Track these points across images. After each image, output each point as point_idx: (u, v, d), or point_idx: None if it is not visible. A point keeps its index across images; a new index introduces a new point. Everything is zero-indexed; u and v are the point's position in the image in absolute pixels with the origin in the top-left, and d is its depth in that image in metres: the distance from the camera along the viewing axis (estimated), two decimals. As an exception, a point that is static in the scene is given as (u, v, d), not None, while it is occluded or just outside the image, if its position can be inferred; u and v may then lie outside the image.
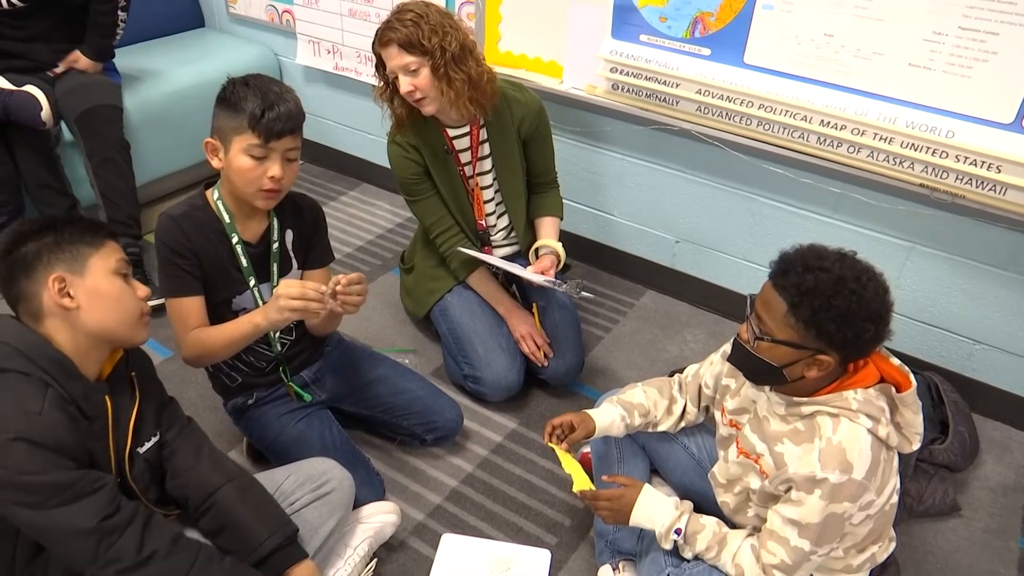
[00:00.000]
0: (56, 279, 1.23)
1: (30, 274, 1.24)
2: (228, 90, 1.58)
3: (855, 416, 1.31)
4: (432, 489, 1.96)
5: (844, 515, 1.31)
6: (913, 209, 2.08)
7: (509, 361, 2.13)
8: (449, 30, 1.92)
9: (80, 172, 2.63)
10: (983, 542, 1.89)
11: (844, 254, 1.31)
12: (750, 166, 2.27)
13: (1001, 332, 2.13)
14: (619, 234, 2.71)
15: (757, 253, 2.45)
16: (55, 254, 1.25)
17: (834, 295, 1.25)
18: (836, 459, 1.29)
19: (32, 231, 1.26)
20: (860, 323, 1.26)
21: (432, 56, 1.90)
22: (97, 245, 1.29)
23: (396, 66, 1.93)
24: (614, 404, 1.68)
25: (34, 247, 1.24)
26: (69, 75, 2.60)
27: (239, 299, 1.74)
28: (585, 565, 1.78)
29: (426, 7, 1.93)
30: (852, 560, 1.45)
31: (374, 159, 3.25)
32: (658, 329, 2.55)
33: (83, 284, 1.26)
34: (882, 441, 1.33)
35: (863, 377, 1.35)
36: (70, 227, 1.28)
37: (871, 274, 1.29)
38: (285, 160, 1.60)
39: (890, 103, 1.93)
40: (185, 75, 3.01)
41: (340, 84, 3.16)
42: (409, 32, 1.88)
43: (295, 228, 1.79)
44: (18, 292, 1.26)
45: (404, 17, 1.90)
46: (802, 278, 1.27)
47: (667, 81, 2.21)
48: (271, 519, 1.45)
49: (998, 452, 2.14)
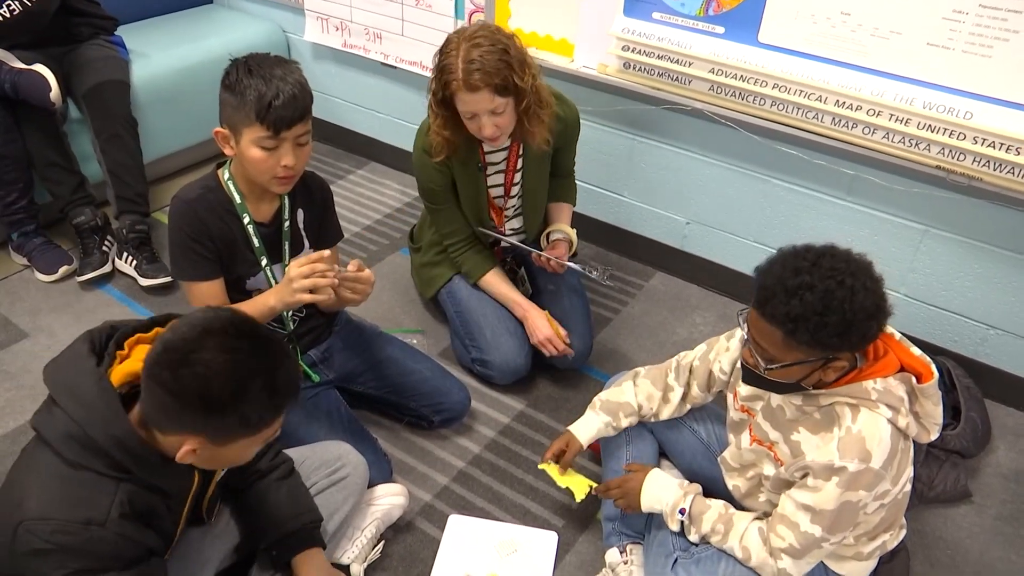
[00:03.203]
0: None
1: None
2: (232, 77, 1.54)
3: (875, 406, 1.29)
4: (439, 470, 1.96)
5: (859, 504, 1.30)
6: (928, 192, 2.05)
7: (517, 345, 2.12)
8: (528, 59, 1.81)
9: (87, 149, 2.62)
10: (994, 529, 1.88)
11: (820, 256, 1.23)
12: (763, 147, 2.24)
13: (1016, 317, 2.10)
14: (629, 215, 2.69)
15: (769, 235, 2.42)
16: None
17: (826, 312, 1.19)
18: (856, 448, 1.27)
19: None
20: (861, 326, 1.23)
21: (524, 95, 1.80)
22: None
23: (482, 109, 1.79)
24: (596, 412, 1.71)
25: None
26: (77, 52, 2.59)
27: (252, 280, 1.74)
28: (592, 548, 1.78)
29: (498, 35, 1.78)
30: (863, 548, 1.44)
31: (383, 137, 3.23)
32: (667, 311, 2.53)
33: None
34: (901, 431, 1.31)
35: (883, 366, 1.32)
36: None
37: (854, 267, 1.23)
38: (296, 145, 1.58)
39: (907, 83, 1.90)
40: (193, 52, 2.98)
41: (349, 61, 3.13)
42: (504, 75, 1.75)
43: (306, 207, 1.79)
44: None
45: (487, 55, 1.74)
46: (788, 305, 1.21)
47: (680, 60, 2.18)
48: (301, 504, 1.47)
49: (1011, 438, 2.12)
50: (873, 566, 1.49)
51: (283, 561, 1.45)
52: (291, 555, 1.45)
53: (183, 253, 1.66)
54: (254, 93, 1.51)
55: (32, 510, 1.08)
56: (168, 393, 1.06)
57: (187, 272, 1.68)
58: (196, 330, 1.08)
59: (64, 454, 1.10)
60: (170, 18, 3.27)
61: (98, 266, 2.52)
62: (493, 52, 1.75)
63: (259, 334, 1.11)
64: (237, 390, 1.07)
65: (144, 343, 1.22)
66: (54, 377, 1.16)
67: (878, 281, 1.25)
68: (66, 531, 1.07)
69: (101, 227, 2.59)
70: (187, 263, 1.66)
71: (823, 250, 1.25)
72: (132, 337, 1.21)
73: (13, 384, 2.16)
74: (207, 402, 1.06)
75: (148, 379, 1.08)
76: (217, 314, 1.11)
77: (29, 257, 2.57)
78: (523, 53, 1.81)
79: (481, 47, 1.75)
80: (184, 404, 1.06)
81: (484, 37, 1.77)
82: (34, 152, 2.48)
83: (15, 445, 1.97)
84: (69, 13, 2.57)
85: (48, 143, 2.50)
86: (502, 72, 1.75)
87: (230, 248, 1.69)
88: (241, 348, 1.08)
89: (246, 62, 1.55)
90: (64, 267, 2.54)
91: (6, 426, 2.03)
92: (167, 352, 1.07)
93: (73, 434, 1.09)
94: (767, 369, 1.30)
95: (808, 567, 1.38)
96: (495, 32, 1.80)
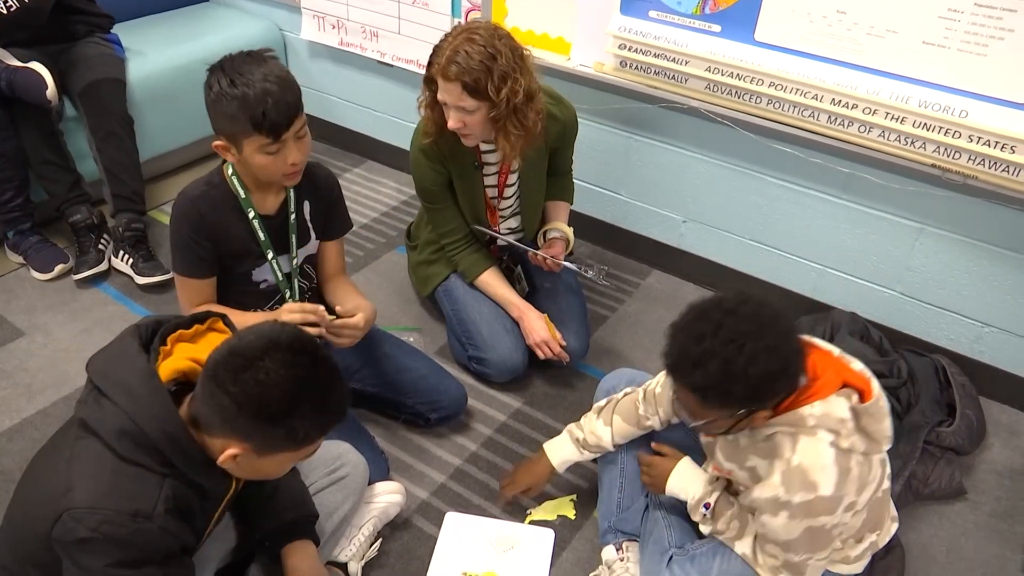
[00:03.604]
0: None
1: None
2: (215, 91, 1.53)
3: (813, 432, 1.26)
4: (436, 468, 1.96)
5: (825, 526, 1.29)
6: (924, 190, 2.06)
7: (514, 343, 2.12)
8: (518, 76, 1.80)
9: (83, 147, 2.61)
10: (989, 526, 1.88)
11: (725, 315, 1.20)
12: (759, 145, 2.24)
13: (1010, 315, 2.11)
14: (626, 213, 2.69)
15: (765, 233, 2.43)
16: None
17: (729, 381, 1.18)
18: (799, 480, 1.26)
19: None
20: (767, 388, 1.22)
21: (495, 106, 1.79)
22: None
23: (451, 102, 1.81)
24: (574, 442, 1.71)
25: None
26: (72, 49, 2.58)
27: (258, 271, 1.78)
28: (588, 545, 1.79)
29: (499, 42, 1.78)
30: (850, 551, 1.44)
31: (379, 136, 3.23)
32: (664, 310, 2.53)
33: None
34: (848, 450, 1.27)
35: (821, 388, 1.29)
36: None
37: (759, 326, 1.19)
38: (297, 139, 1.59)
39: (903, 82, 1.90)
40: (190, 50, 2.98)
41: (345, 60, 3.13)
42: (477, 77, 1.76)
43: (312, 198, 1.80)
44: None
45: (473, 54, 1.75)
46: (692, 376, 1.21)
47: (676, 58, 2.18)
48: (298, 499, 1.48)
49: (1005, 436, 2.13)
50: (866, 563, 1.50)
51: (274, 551, 1.45)
52: (282, 544, 1.45)
53: (182, 249, 1.70)
54: (244, 105, 1.49)
55: (80, 500, 1.09)
56: (227, 396, 1.09)
57: (180, 265, 1.72)
58: (263, 340, 1.11)
59: (117, 448, 1.12)
60: (166, 16, 3.27)
61: (94, 264, 2.51)
62: (480, 53, 1.75)
63: (319, 354, 1.15)
64: (292, 404, 1.10)
65: (185, 340, 1.24)
66: (103, 370, 1.17)
67: (786, 335, 1.22)
68: (114, 522, 1.09)
69: (97, 225, 2.58)
70: (184, 259, 1.71)
71: (730, 307, 1.22)
72: (174, 334, 1.23)
73: (9, 383, 2.15)
74: (262, 411, 1.09)
75: (210, 381, 1.11)
76: (284, 328, 1.14)
77: (25, 255, 2.57)
78: (512, 67, 1.78)
79: (474, 44, 1.76)
80: (240, 409, 1.09)
81: (481, 36, 1.77)
82: (30, 150, 2.48)
83: (11, 443, 1.97)
84: (65, 11, 2.56)
85: (44, 141, 2.49)
86: (477, 75, 1.75)
87: (235, 242, 1.71)
88: (302, 364, 1.11)
89: (224, 72, 1.52)
90: (60, 265, 2.53)
91: (2, 424, 2.03)
92: (233, 357, 1.10)
93: (127, 430, 1.11)
94: (693, 424, 1.32)
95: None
96: (494, 36, 1.79)
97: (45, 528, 1.11)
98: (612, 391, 1.79)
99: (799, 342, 1.26)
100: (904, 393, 2.07)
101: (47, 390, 2.14)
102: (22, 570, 1.21)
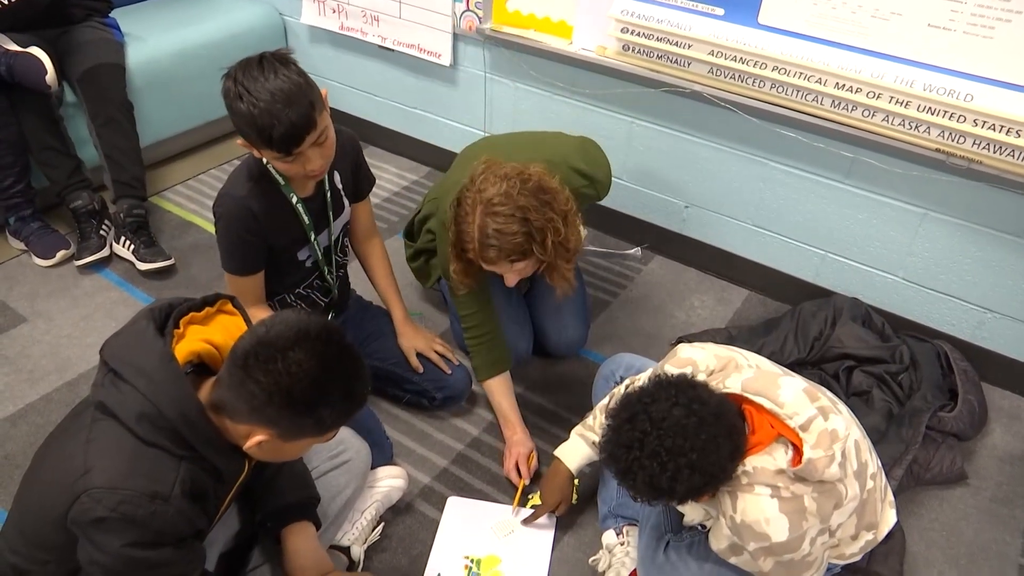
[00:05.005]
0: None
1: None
2: (228, 101, 1.50)
3: (750, 489, 1.26)
4: (438, 453, 1.97)
5: (799, 557, 1.28)
6: (927, 175, 2.05)
7: (518, 331, 2.11)
8: (552, 215, 1.61)
9: (83, 133, 2.61)
10: (990, 511, 1.89)
11: (651, 425, 1.20)
12: (762, 130, 2.23)
13: (1013, 300, 2.10)
14: (627, 198, 2.68)
15: (767, 218, 2.42)
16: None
17: (657, 493, 1.21)
18: (748, 534, 1.26)
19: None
20: (698, 493, 1.24)
21: (545, 253, 1.64)
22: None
23: (501, 271, 1.69)
24: (584, 439, 1.68)
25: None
26: (70, 34, 2.57)
27: (303, 251, 1.82)
28: (589, 529, 1.79)
29: (517, 193, 1.59)
30: (846, 549, 1.42)
31: (380, 121, 3.21)
32: (665, 295, 2.53)
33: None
34: (795, 496, 1.25)
35: (756, 443, 1.27)
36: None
37: (685, 433, 1.19)
38: (315, 147, 1.55)
39: (907, 65, 1.89)
40: (190, 35, 2.96)
41: (345, 44, 3.11)
42: (522, 248, 1.61)
43: (340, 167, 1.81)
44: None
45: (505, 230, 1.58)
46: (625, 483, 1.23)
47: (679, 42, 2.16)
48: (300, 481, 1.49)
49: (1006, 421, 2.13)
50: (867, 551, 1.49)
51: (275, 531, 1.46)
52: (282, 526, 1.45)
53: (236, 248, 1.70)
54: (252, 124, 1.47)
55: (100, 480, 1.10)
56: (257, 385, 1.10)
57: (237, 266, 1.73)
58: (292, 330, 1.12)
59: (136, 430, 1.13)
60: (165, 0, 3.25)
61: (96, 250, 2.51)
62: (511, 223, 1.58)
63: (346, 344, 1.17)
64: (321, 393, 1.13)
65: (197, 323, 1.25)
66: (120, 354, 1.18)
67: (713, 441, 1.20)
68: (132, 502, 1.10)
69: (98, 211, 2.58)
70: (239, 257, 1.72)
71: (657, 416, 1.21)
72: (186, 316, 1.24)
73: (12, 368, 2.16)
74: (291, 401, 1.11)
75: (239, 370, 1.12)
76: (311, 319, 1.16)
77: (26, 242, 2.57)
78: (542, 212, 1.60)
79: (498, 216, 1.58)
80: (270, 399, 1.11)
81: (501, 203, 1.58)
82: (30, 136, 2.47)
83: (15, 428, 1.98)
84: None
85: (44, 126, 2.49)
86: (521, 247, 1.61)
87: (283, 229, 1.73)
88: (330, 355, 1.13)
89: (235, 82, 1.48)
90: (62, 251, 2.53)
91: (5, 410, 2.03)
92: (262, 347, 1.12)
93: (146, 412, 1.12)
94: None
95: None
96: (515, 191, 1.59)
97: (61, 510, 1.12)
98: (611, 376, 1.79)
99: (733, 434, 1.24)
100: (906, 378, 2.08)
101: (49, 376, 2.14)
102: (33, 553, 1.22)
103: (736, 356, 1.43)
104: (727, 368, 1.39)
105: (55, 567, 1.21)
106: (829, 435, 1.26)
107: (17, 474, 1.86)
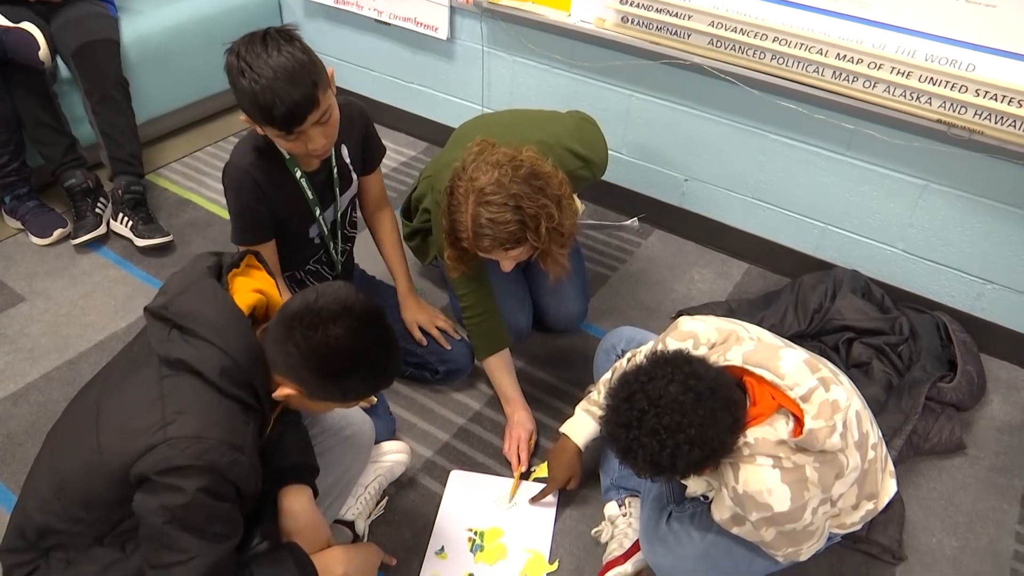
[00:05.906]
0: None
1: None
2: (230, 77, 1.48)
3: (752, 460, 1.26)
4: (440, 427, 1.98)
5: (800, 527, 1.29)
6: (928, 146, 2.04)
7: (517, 306, 2.11)
8: (545, 201, 1.59)
9: (78, 110, 2.58)
10: (987, 480, 1.91)
11: (649, 404, 1.21)
12: (763, 102, 2.22)
13: (1013, 272, 2.11)
14: (626, 172, 2.67)
15: (767, 191, 2.41)
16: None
17: (658, 469, 1.22)
18: (750, 505, 1.27)
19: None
20: (700, 467, 1.25)
21: (539, 240, 1.62)
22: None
23: (497, 258, 1.68)
24: (589, 412, 1.69)
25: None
26: (64, 8, 2.54)
27: (311, 227, 1.82)
28: (592, 501, 1.81)
29: (508, 181, 1.56)
30: (847, 519, 1.43)
31: (376, 96, 3.19)
32: (665, 268, 2.53)
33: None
34: (796, 466, 1.26)
35: (757, 414, 1.28)
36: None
37: (683, 410, 1.20)
38: (316, 126, 1.53)
39: (909, 35, 1.87)
40: (184, 9, 2.92)
41: (341, 19, 3.07)
42: (516, 236, 1.60)
43: (348, 140, 1.79)
44: None
45: (498, 218, 1.56)
46: (624, 458, 1.25)
47: (679, 13, 2.14)
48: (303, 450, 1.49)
49: (1004, 392, 2.14)
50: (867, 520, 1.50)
51: (272, 494, 1.46)
52: (279, 487, 1.45)
53: (246, 217, 1.70)
54: (253, 101, 1.45)
55: (184, 431, 1.13)
56: (296, 347, 1.18)
57: (248, 236, 1.72)
58: (338, 304, 1.20)
59: (220, 384, 1.17)
60: (158, -26, 3.20)
61: (92, 228, 2.50)
62: (504, 211, 1.56)
63: (384, 326, 1.25)
64: (351, 368, 1.21)
65: (239, 276, 1.31)
66: (190, 311, 1.21)
67: (712, 414, 1.21)
68: (217, 451, 1.13)
69: (93, 189, 2.56)
70: (249, 227, 1.72)
71: (654, 394, 1.21)
72: (231, 271, 1.29)
73: (11, 347, 2.16)
74: (323, 368, 1.19)
75: (284, 328, 1.20)
76: (357, 297, 1.23)
77: (23, 221, 2.56)
78: (535, 199, 1.58)
79: (491, 206, 1.57)
80: (305, 362, 1.18)
81: (494, 192, 1.56)
82: (24, 113, 2.45)
83: (16, 407, 1.98)
84: None
85: (38, 103, 2.46)
86: (515, 235, 1.59)
87: (288, 204, 1.72)
88: (367, 335, 1.21)
89: (238, 57, 1.45)
90: (58, 230, 2.52)
91: (6, 389, 2.03)
92: (308, 313, 1.19)
93: (227, 368, 1.18)
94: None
95: (817, 547, 1.38)
96: (507, 179, 1.57)
97: (125, 460, 1.13)
98: (612, 350, 1.80)
99: (732, 406, 1.24)
100: (906, 350, 2.08)
101: (49, 354, 2.14)
102: (69, 511, 1.22)
103: (737, 328, 1.43)
104: (728, 341, 1.40)
105: (85, 527, 1.22)
106: (830, 406, 1.26)
107: (20, 452, 1.86)
